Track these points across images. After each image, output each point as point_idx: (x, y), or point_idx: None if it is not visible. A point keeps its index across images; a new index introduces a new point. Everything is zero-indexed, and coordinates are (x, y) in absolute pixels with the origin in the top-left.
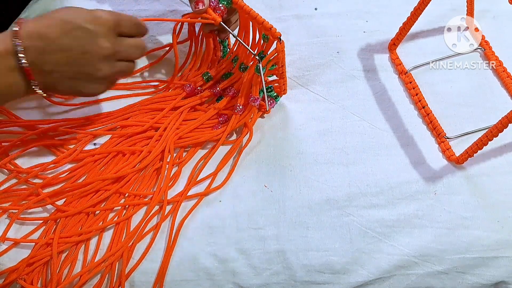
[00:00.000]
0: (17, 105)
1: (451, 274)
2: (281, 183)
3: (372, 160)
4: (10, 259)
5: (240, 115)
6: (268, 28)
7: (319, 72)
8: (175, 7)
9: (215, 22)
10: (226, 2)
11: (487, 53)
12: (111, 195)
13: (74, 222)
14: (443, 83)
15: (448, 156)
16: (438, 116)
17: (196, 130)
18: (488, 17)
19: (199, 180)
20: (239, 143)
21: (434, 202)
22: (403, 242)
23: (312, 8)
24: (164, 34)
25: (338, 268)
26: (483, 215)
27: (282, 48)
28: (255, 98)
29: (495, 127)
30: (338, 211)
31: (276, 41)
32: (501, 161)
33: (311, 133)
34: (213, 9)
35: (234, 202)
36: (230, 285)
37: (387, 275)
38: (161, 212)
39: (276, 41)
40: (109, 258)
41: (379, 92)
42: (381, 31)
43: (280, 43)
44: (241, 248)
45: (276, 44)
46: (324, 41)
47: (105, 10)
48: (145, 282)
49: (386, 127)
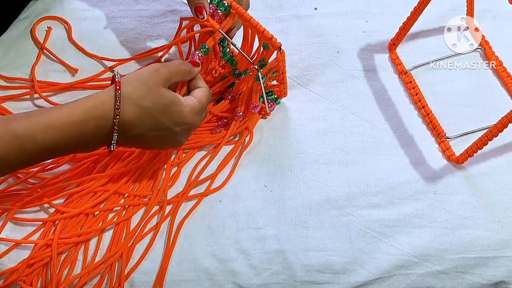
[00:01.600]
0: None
1: (451, 274)
2: (281, 183)
3: (372, 160)
4: (10, 260)
5: (240, 121)
6: (268, 38)
7: (319, 72)
8: (175, 7)
9: (213, 29)
10: (224, 8)
11: (487, 53)
12: (110, 196)
13: (74, 223)
14: (443, 83)
15: (448, 156)
16: (438, 116)
17: (194, 133)
18: (488, 17)
19: (199, 180)
20: (239, 144)
21: (434, 202)
22: (403, 242)
23: (312, 8)
24: (164, 34)
25: (338, 268)
26: (483, 215)
27: (283, 58)
28: (255, 105)
29: (495, 127)
30: (338, 211)
31: (277, 50)
32: (501, 161)
33: (311, 133)
34: (211, 15)
35: (234, 202)
36: (230, 285)
37: (387, 275)
38: (161, 212)
39: (277, 50)
40: (108, 259)
41: (379, 92)
42: (381, 31)
43: (281, 53)
44: (241, 248)
45: (276, 54)
46: (324, 41)
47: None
48: (145, 282)
49: (386, 127)
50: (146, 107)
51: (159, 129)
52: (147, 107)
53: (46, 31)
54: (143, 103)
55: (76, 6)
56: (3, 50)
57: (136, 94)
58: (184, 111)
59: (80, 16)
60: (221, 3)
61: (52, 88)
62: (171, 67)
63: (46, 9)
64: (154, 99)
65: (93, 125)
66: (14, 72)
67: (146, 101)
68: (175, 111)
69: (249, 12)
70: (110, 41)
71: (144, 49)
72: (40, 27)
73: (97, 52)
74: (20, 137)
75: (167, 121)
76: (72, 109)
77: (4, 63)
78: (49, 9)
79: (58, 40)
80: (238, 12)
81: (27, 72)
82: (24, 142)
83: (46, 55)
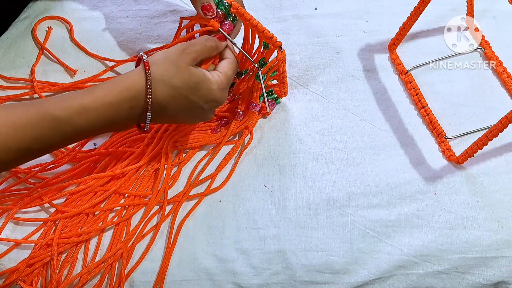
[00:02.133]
0: None
1: (451, 274)
2: (281, 183)
3: (372, 160)
4: (11, 260)
5: (240, 120)
6: (269, 37)
7: (319, 72)
8: (175, 6)
9: (213, 28)
10: (224, 8)
11: (487, 53)
12: (110, 196)
13: (74, 223)
14: (443, 83)
15: (448, 156)
16: (438, 116)
17: (194, 132)
18: (488, 17)
19: (199, 180)
20: (239, 144)
21: (434, 202)
22: (403, 242)
23: (312, 8)
24: (164, 34)
25: (338, 268)
26: (483, 215)
27: (283, 57)
28: (255, 104)
29: (495, 127)
30: (338, 211)
31: (277, 49)
32: (501, 161)
33: (311, 133)
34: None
35: (234, 202)
36: (230, 285)
37: (387, 275)
38: (161, 212)
39: (277, 49)
40: (108, 258)
41: (379, 92)
42: (381, 31)
43: (281, 52)
44: (241, 248)
45: (277, 53)
46: (324, 41)
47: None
48: (145, 282)
49: (386, 127)
50: (177, 87)
51: (190, 108)
52: (178, 87)
53: (46, 31)
54: (174, 83)
55: (76, 6)
56: (3, 50)
57: (166, 74)
58: (212, 88)
59: (80, 16)
60: (221, 3)
61: (52, 88)
62: (198, 46)
63: (46, 9)
64: (184, 78)
65: (127, 106)
66: (14, 72)
67: (177, 81)
68: (204, 89)
69: (249, 12)
70: (110, 41)
71: (144, 49)
72: (40, 27)
73: (97, 52)
74: (57, 120)
75: (198, 99)
76: (106, 91)
77: (4, 63)
78: (49, 9)
79: (58, 40)
80: (238, 12)
81: (27, 72)
82: (61, 124)
83: (46, 55)
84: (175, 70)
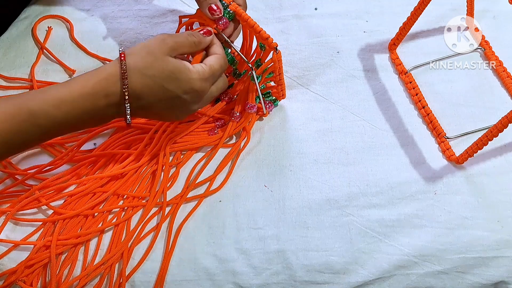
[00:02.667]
0: None
1: (451, 274)
2: (281, 183)
3: (372, 160)
4: (10, 261)
5: (237, 122)
6: (265, 38)
7: (319, 72)
8: (175, 7)
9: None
10: (228, 16)
11: (487, 53)
12: (109, 197)
13: (73, 224)
14: (443, 83)
15: (448, 156)
16: (438, 116)
17: (192, 134)
18: (488, 17)
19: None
20: (237, 147)
21: (434, 202)
22: (403, 242)
23: (312, 8)
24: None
25: (338, 268)
26: (483, 215)
27: (279, 58)
28: (251, 105)
29: (495, 127)
30: (338, 211)
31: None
32: (501, 161)
33: (311, 133)
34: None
35: (234, 202)
36: (230, 285)
37: (387, 275)
38: (161, 212)
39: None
40: (108, 259)
41: (379, 92)
42: (381, 31)
43: (277, 53)
44: (241, 248)
45: (272, 54)
46: (324, 41)
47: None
48: (145, 282)
49: (386, 127)
50: (152, 76)
51: (168, 98)
52: (153, 76)
53: (46, 31)
54: (150, 72)
55: (76, 6)
56: (3, 50)
57: (142, 63)
58: (192, 77)
59: (80, 16)
60: (226, 11)
61: None
62: (178, 38)
63: (46, 9)
64: (159, 67)
65: (104, 96)
66: (14, 72)
67: (153, 70)
68: (182, 78)
69: (249, 12)
70: (110, 41)
71: None
72: (40, 27)
73: (97, 52)
74: (33, 113)
75: (175, 89)
76: (83, 83)
77: (4, 63)
78: (49, 9)
79: (58, 40)
80: (236, 12)
81: (27, 72)
82: (38, 118)
83: (46, 55)
84: (151, 59)
